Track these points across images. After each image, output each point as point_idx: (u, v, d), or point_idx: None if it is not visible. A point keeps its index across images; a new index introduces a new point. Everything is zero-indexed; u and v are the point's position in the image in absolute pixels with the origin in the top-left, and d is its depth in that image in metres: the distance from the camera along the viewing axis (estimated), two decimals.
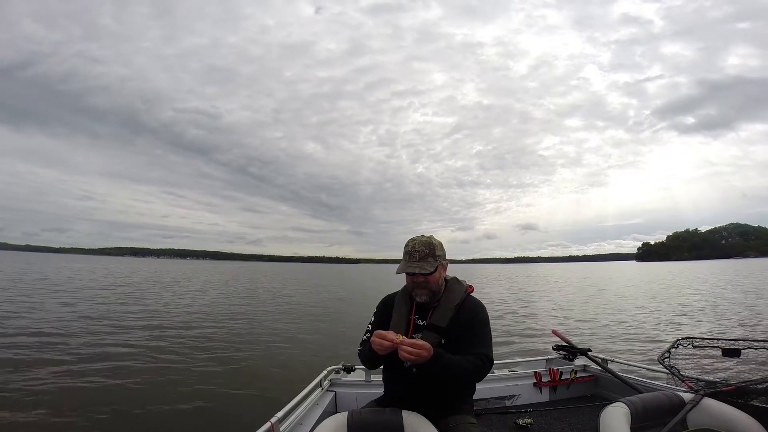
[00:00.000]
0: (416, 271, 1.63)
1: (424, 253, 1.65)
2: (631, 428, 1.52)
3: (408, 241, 1.72)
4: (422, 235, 1.74)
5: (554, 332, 3.21)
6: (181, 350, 7.87)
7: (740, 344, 2.13)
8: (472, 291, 1.79)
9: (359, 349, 1.79)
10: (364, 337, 1.82)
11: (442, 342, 1.63)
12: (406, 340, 1.46)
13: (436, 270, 1.66)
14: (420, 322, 1.71)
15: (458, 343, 1.63)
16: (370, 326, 1.84)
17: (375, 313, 1.88)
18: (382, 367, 1.81)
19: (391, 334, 1.49)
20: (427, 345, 1.46)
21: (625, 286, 28.67)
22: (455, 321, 1.66)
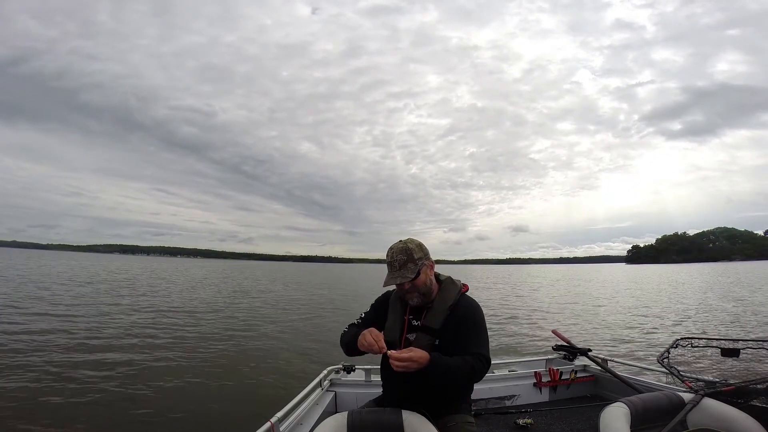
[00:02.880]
0: (398, 282, 1.63)
1: (402, 261, 1.64)
2: (631, 428, 1.51)
3: (387, 251, 1.71)
4: (399, 241, 1.73)
5: (554, 332, 3.22)
6: (179, 350, 7.80)
7: (739, 344, 2.13)
8: (466, 290, 1.78)
9: (344, 330, 1.80)
10: (355, 321, 1.85)
11: (436, 343, 1.63)
12: (393, 353, 1.46)
13: (419, 273, 1.65)
14: (415, 323, 1.70)
15: (453, 344, 1.62)
16: (363, 314, 1.87)
17: (373, 305, 1.88)
18: (380, 366, 1.80)
19: (381, 342, 1.52)
20: (416, 356, 1.45)
21: (620, 287, 29.12)
22: (449, 322, 1.65)
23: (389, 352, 1.48)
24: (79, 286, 20.56)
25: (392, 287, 1.84)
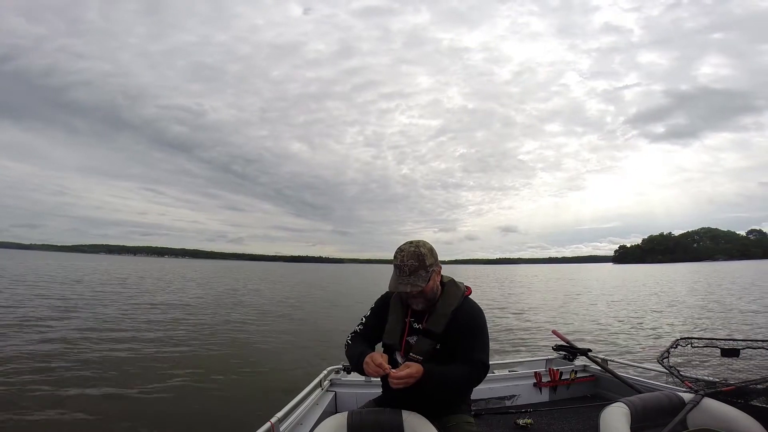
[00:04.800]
0: (408, 290, 1.56)
1: (413, 267, 1.56)
2: (631, 428, 1.51)
3: (396, 252, 1.62)
4: (410, 243, 1.63)
5: (554, 332, 3.24)
6: (179, 351, 7.75)
7: (739, 344, 2.14)
8: (469, 293, 1.73)
9: (348, 342, 1.75)
10: (357, 329, 1.79)
11: (437, 347, 1.61)
12: (392, 372, 1.45)
13: (429, 280, 1.59)
14: (416, 326, 1.67)
15: (454, 349, 1.60)
16: (364, 319, 1.81)
17: (372, 308, 1.83)
18: None
19: (384, 365, 1.49)
20: (413, 371, 1.44)
21: (612, 287, 29.50)
22: (451, 326, 1.61)
23: (389, 373, 1.47)
24: (69, 286, 20.21)
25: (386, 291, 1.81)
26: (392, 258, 1.64)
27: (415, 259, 1.57)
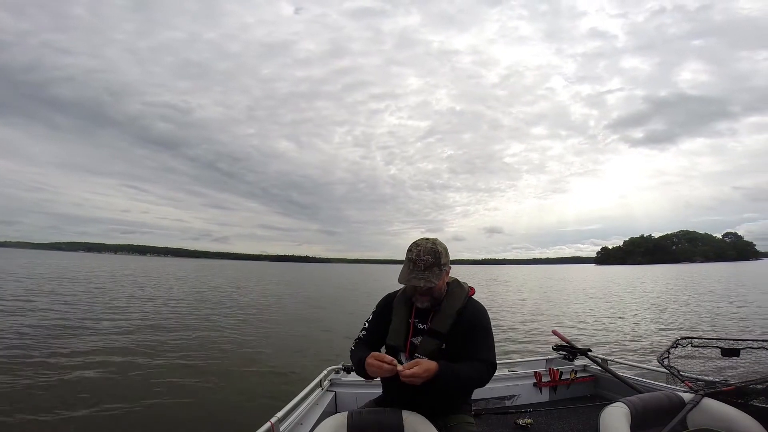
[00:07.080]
0: (421, 284, 1.55)
1: (429, 263, 1.55)
2: (631, 428, 1.50)
3: (412, 246, 1.61)
4: (426, 240, 1.62)
5: (554, 332, 3.25)
6: (179, 351, 7.68)
7: (739, 344, 2.15)
8: (473, 294, 1.73)
9: (352, 349, 1.73)
10: (360, 335, 1.77)
11: (443, 347, 1.59)
12: (401, 367, 1.43)
13: (441, 278, 1.59)
14: (420, 326, 1.65)
15: (460, 349, 1.59)
16: (367, 324, 1.79)
17: (374, 311, 1.81)
18: None
19: (388, 359, 1.46)
20: (421, 371, 1.41)
21: (602, 287, 30.24)
22: (456, 326, 1.61)
23: (397, 368, 1.44)
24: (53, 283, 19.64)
25: (391, 291, 1.81)
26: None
27: (431, 255, 1.56)
